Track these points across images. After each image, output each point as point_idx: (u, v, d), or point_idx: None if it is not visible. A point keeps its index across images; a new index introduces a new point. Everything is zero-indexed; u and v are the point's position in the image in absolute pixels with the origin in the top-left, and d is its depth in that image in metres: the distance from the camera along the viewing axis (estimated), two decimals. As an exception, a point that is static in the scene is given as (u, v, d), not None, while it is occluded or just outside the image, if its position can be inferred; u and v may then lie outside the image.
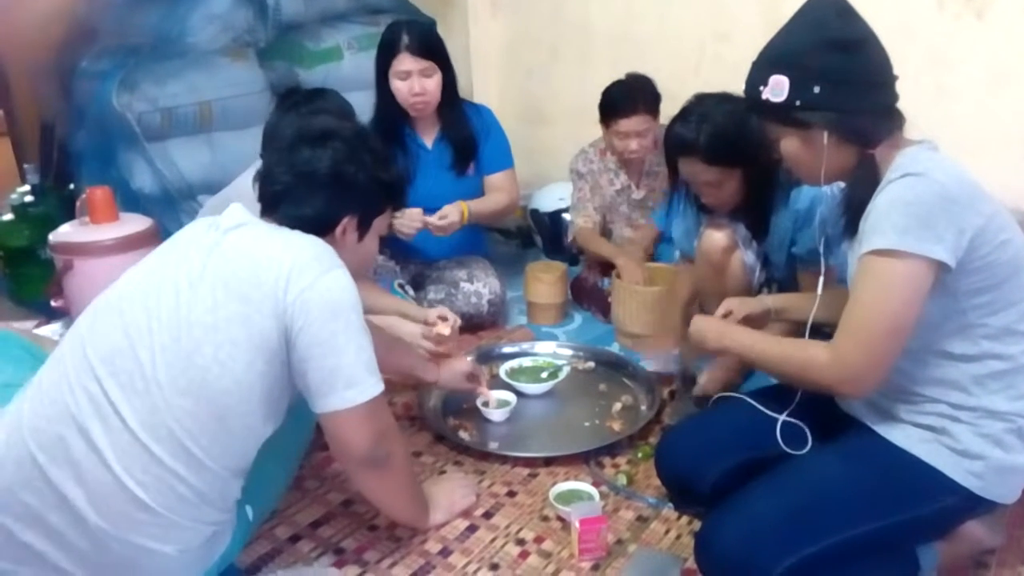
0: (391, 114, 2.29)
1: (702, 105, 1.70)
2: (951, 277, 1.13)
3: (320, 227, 1.26)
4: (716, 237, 1.85)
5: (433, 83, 2.23)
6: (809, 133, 1.21)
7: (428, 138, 2.37)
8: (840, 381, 1.20)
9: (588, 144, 2.52)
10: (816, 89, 1.17)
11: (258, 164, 1.35)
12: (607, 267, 2.44)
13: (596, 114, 2.41)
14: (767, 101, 1.21)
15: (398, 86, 2.23)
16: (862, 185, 1.22)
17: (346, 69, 2.90)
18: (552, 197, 2.90)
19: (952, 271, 1.12)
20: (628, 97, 2.29)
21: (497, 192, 2.38)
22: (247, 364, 1.15)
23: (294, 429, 1.41)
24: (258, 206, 1.29)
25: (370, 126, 2.28)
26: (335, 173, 1.26)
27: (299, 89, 1.88)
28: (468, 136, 2.35)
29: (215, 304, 1.15)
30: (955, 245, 1.10)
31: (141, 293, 1.19)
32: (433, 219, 2.18)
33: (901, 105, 1.22)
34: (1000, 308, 1.17)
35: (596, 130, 2.50)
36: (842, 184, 1.31)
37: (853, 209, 1.24)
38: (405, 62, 2.19)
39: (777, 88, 1.19)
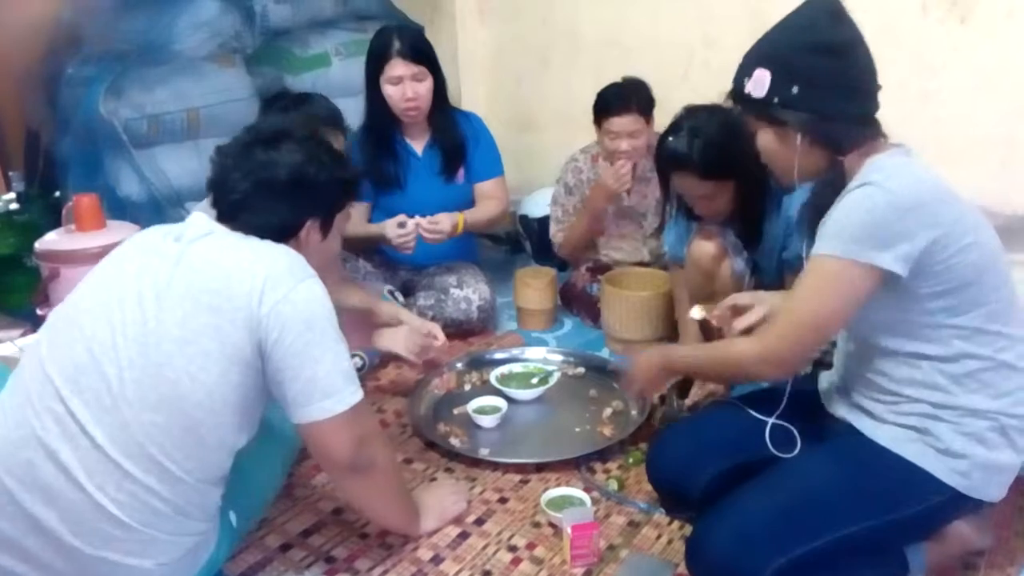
0: (382, 121, 2.28)
1: (693, 118, 1.70)
2: (910, 281, 1.15)
3: (285, 233, 1.25)
4: (706, 245, 1.86)
5: (425, 88, 2.23)
6: (784, 131, 1.23)
7: (418, 145, 2.36)
8: (760, 365, 1.28)
9: (579, 150, 2.51)
10: (794, 89, 1.18)
11: None
12: (596, 272, 2.45)
13: (585, 120, 2.41)
14: (748, 94, 1.23)
15: (390, 92, 2.22)
16: (826, 190, 1.25)
17: (334, 75, 2.89)
18: (541, 203, 2.89)
19: (904, 277, 1.14)
20: (621, 96, 2.29)
21: (488, 200, 2.39)
22: (220, 375, 1.14)
23: (279, 435, 1.40)
24: None
25: (360, 133, 2.28)
26: (296, 178, 1.24)
27: (287, 93, 1.87)
28: (458, 142, 2.35)
29: (185, 316, 1.13)
30: (905, 254, 1.13)
31: (102, 307, 1.17)
32: (424, 222, 2.18)
33: (885, 110, 1.24)
34: (967, 309, 1.18)
35: (584, 136, 2.50)
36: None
37: (815, 213, 1.27)
38: (397, 67, 2.18)
39: (759, 83, 1.21)
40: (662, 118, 1.81)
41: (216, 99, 2.70)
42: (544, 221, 2.87)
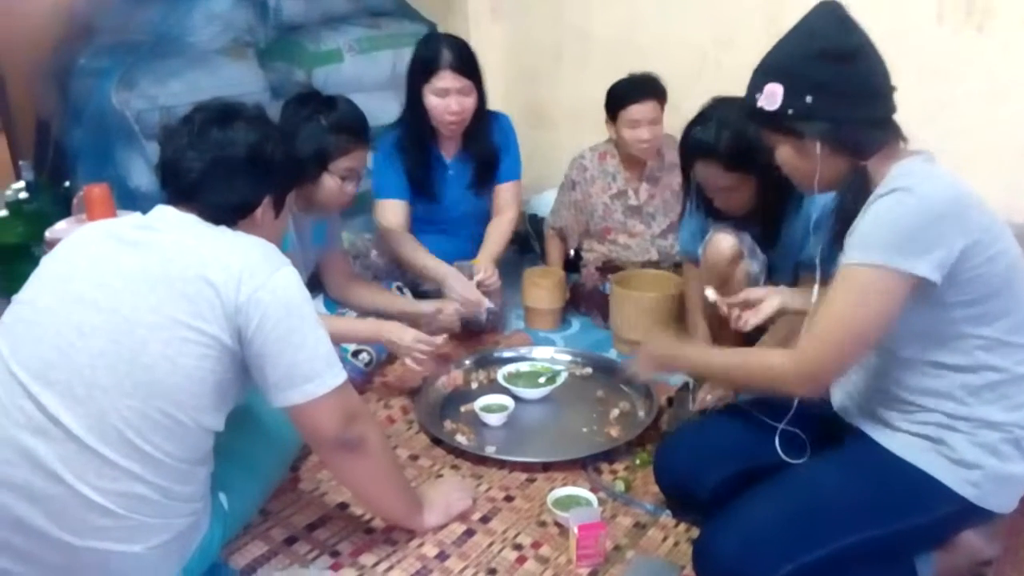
0: (419, 128, 2.24)
1: (721, 109, 1.69)
2: (941, 289, 1.14)
3: (242, 212, 1.26)
4: (722, 247, 1.83)
5: (471, 102, 2.19)
6: (802, 142, 1.22)
7: (448, 153, 2.34)
8: (798, 379, 1.22)
9: (588, 147, 2.50)
10: (808, 99, 1.18)
11: None
12: (605, 272, 2.44)
13: (596, 120, 2.40)
14: (762, 109, 1.22)
15: (435, 103, 2.17)
16: (852, 196, 1.24)
17: (347, 71, 2.88)
18: (551, 202, 2.89)
19: (939, 285, 1.13)
20: (638, 85, 2.28)
21: (501, 215, 2.38)
22: (198, 359, 1.14)
23: (278, 422, 1.40)
24: None
25: (395, 137, 2.25)
26: (254, 156, 1.24)
27: (315, 94, 1.85)
28: (491, 156, 2.32)
29: (159, 302, 1.14)
30: (940, 261, 1.11)
31: (61, 302, 1.17)
32: (483, 279, 2.17)
33: (899, 118, 1.23)
34: (993, 319, 1.17)
35: (596, 136, 2.50)
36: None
37: (842, 220, 1.25)
38: (446, 79, 2.14)
39: (771, 96, 1.20)
40: (677, 120, 1.79)
41: (228, 92, 2.66)
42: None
